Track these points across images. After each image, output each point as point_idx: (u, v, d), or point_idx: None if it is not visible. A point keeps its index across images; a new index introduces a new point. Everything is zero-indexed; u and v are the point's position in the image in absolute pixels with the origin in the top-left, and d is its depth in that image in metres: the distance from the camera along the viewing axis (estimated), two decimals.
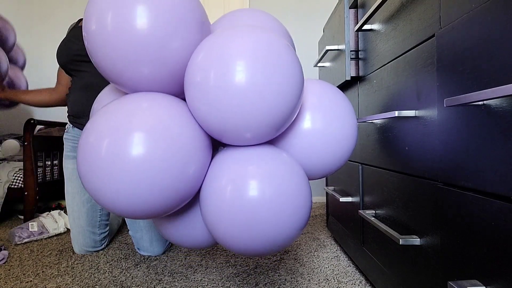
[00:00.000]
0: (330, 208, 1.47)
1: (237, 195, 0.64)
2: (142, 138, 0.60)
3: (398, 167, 0.74)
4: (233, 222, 0.65)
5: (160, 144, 0.61)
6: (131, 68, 0.65)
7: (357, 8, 1.05)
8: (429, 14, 0.60)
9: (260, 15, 0.85)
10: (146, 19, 0.62)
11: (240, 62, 0.61)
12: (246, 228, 0.64)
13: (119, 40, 0.62)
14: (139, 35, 0.62)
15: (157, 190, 0.61)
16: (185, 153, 0.64)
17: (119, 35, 0.62)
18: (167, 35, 0.64)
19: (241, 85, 0.60)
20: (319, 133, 0.75)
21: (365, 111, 0.97)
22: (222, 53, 0.62)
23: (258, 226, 0.64)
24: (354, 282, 1.00)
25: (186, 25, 0.66)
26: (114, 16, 0.62)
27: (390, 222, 0.79)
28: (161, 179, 0.61)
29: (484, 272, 0.46)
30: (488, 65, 0.45)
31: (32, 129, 1.76)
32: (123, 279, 1.05)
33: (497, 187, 0.43)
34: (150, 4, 0.63)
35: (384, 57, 0.82)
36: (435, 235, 0.59)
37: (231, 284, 1.00)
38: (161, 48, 0.64)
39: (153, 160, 0.60)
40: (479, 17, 0.47)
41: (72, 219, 1.31)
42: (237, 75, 0.61)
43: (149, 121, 0.62)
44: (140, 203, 0.62)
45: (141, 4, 0.62)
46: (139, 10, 0.62)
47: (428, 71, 0.61)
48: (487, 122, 0.45)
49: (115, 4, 0.62)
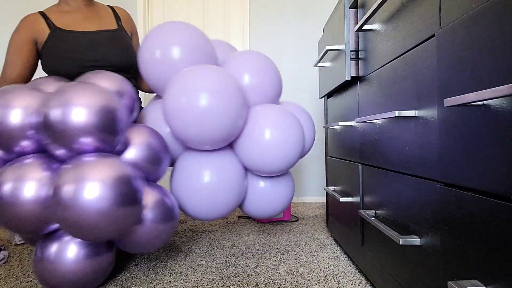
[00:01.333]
0: (330, 208, 1.47)
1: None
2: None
3: (398, 167, 0.74)
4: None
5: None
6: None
7: (357, 8, 1.05)
8: (429, 14, 0.60)
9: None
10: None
11: (202, 94, 1.01)
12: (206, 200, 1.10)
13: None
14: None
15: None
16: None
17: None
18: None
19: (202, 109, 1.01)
20: (267, 141, 1.11)
21: (365, 111, 0.97)
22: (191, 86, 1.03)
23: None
24: (354, 282, 1.00)
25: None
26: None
27: (390, 222, 0.79)
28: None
29: (484, 272, 0.46)
30: (488, 65, 0.45)
31: None
32: (123, 279, 1.05)
33: (497, 187, 0.43)
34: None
35: (384, 57, 0.82)
36: (435, 235, 0.59)
37: (231, 284, 1.00)
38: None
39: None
40: (479, 17, 0.47)
41: None
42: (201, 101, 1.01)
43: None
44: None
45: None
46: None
47: (428, 71, 0.61)
48: (487, 122, 0.45)
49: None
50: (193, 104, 1.00)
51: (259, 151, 1.12)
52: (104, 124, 0.87)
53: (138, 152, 1.00)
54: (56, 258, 0.88)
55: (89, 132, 0.84)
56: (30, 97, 0.91)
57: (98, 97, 0.88)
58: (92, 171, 0.81)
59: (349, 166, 1.14)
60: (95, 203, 0.79)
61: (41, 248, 0.90)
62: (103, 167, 0.83)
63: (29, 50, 1.26)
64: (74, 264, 0.88)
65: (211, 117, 1.01)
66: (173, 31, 1.14)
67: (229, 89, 1.05)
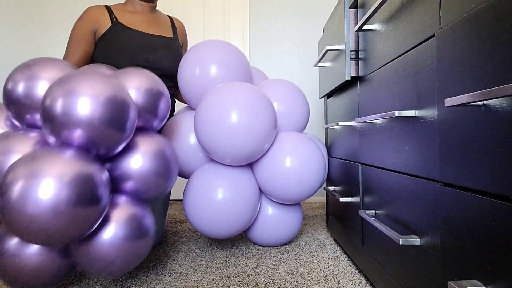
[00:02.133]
0: (330, 208, 1.47)
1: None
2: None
3: (398, 167, 0.74)
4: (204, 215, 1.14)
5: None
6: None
7: (357, 8, 1.05)
8: (429, 14, 0.60)
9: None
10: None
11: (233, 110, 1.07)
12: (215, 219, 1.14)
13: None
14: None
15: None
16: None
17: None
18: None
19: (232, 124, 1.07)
20: (289, 169, 1.15)
21: (365, 111, 0.97)
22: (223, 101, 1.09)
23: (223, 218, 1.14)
24: (354, 282, 1.00)
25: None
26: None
27: (390, 222, 0.79)
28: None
29: (484, 272, 0.46)
30: (488, 65, 0.45)
31: None
32: (123, 279, 1.05)
33: (497, 187, 0.43)
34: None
35: (384, 57, 0.82)
36: (435, 235, 0.59)
37: (231, 284, 1.00)
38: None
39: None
40: (479, 17, 0.47)
41: None
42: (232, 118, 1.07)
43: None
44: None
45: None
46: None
47: (428, 71, 0.61)
48: (487, 122, 0.45)
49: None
50: (223, 118, 1.05)
51: (279, 176, 1.14)
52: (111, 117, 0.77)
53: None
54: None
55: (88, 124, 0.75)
56: (57, 70, 0.89)
57: (104, 86, 0.78)
58: (46, 167, 0.70)
59: (349, 166, 1.14)
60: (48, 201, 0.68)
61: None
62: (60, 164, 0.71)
63: (89, 40, 1.31)
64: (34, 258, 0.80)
65: (239, 132, 1.05)
66: (212, 49, 1.23)
67: (261, 107, 1.09)
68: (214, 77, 1.20)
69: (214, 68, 1.20)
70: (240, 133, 1.05)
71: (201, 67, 1.20)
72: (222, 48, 1.24)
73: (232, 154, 1.08)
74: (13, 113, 0.88)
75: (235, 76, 1.22)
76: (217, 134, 1.06)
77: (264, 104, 1.10)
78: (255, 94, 1.11)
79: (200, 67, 1.20)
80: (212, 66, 1.20)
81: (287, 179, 1.14)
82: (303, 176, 1.15)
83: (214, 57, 1.21)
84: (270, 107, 1.13)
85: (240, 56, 1.26)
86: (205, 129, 1.08)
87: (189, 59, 1.24)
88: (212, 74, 1.19)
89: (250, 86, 1.14)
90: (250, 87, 1.13)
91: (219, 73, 1.20)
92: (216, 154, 1.10)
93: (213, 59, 1.20)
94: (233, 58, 1.23)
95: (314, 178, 1.17)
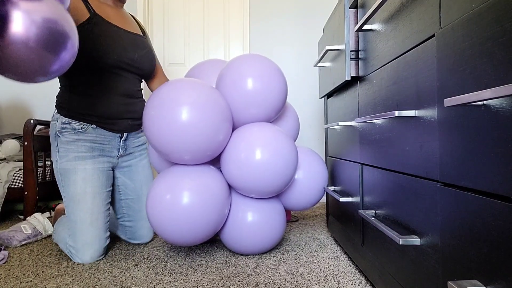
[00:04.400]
0: (330, 208, 1.47)
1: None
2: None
3: (398, 167, 0.74)
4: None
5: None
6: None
7: (357, 8, 1.05)
8: (429, 14, 0.60)
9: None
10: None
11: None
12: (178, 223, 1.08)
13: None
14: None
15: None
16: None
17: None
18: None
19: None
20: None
21: (365, 111, 0.97)
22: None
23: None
24: (354, 282, 1.00)
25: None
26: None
27: (390, 222, 0.79)
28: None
29: (484, 272, 0.46)
30: (488, 65, 0.45)
31: (32, 129, 1.76)
32: (123, 279, 1.05)
33: (497, 187, 0.43)
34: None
35: (384, 57, 0.82)
36: (435, 235, 0.59)
37: (231, 284, 1.00)
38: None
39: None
40: (479, 17, 0.47)
41: (89, 223, 1.22)
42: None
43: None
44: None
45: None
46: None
47: (428, 71, 0.61)
48: (487, 122, 0.45)
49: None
50: (172, 116, 1.05)
51: (244, 167, 1.12)
52: None
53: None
54: None
55: None
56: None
57: None
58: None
59: (349, 166, 1.14)
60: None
61: None
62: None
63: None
64: None
65: (187, 130, 1.05)
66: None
67: (208, 103, 1.09)
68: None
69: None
70: (189, 130, 1.06)
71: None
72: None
73: (186, 151, 1.09)
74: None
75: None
76: (167, 133, 1.06)
77: (212, 99, 1.11)
78: (203, 90, 1.11)
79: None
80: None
81: (254, 169, 1.11)
82: (269, 165, 1.11)
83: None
84: (219, 101, 1.13)
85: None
86: (155, 128, 1.08)
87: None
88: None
89: (196, 81, 1.14)
90: (196, 81, 1.13)
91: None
92: (171, 155, 1.11)
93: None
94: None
95: (282, 166, 1.14)
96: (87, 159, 1.25)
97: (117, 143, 1.34)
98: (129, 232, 1.42)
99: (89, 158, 1.25)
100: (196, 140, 1.07)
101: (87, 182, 1.23)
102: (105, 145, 1.30)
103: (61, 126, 1.24)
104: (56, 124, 1.25)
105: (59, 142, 1.25)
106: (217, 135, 1.11)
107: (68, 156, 1.23)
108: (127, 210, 1.41)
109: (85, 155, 1.25)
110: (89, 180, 1.24)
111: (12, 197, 1.83)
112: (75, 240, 1.20)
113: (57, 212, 1.58)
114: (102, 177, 1.27)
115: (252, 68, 1.20)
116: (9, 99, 2.56)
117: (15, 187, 1.85)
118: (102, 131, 1.28)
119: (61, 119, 1.24)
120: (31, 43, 0.76)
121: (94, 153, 1.27)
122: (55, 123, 1.26)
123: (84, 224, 1.21)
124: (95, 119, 1.26)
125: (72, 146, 1.24)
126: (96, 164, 1.26)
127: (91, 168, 1.25)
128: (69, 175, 1.23)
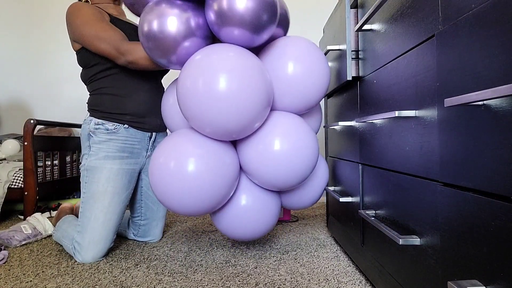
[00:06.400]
0: (330, 208, 1.47)
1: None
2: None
3: (398, 167, 0.74)
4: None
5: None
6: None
7: (357, 8, 1.05)
8: (429, 14, 0.60)
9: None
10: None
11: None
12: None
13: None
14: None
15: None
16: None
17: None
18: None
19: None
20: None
21: (365, 111, 0.97)
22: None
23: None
24: (354, 282, 1.00)
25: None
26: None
27: (390, 222, 0.79)
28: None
29: (484, 272, 0.46)
30: (488, 65, 0.45)
31: (32, 129, 1.76)
32: (123, 279, 1.05)
33: (497, 187, 0.43)
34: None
35: (384, 57, 0.82)
36: (435, 235, 0.59)
37: (231, 284, 1.00)
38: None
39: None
40: (479, 17, 0.47)
41: (101, 222, 1.22)
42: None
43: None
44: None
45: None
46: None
47: (428, 71, 0.61)
48: (487, 122, 0.45)
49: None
50: (208, 84, 0.92)
51: (266, 156, 1.03)
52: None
53: None
54: None
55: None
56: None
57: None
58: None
59: (349, 166, 1.14)
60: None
61: None
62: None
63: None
64: None
65: (224, 102, 0.91)
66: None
67: (253, 73, 0.94)
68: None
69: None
70: (227, 103, 0.92)
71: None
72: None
73: (214, 125, 0.95)
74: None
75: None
76: (199, 103, 0.93)
77: (257, 73, 0.96)
78: (244, 54, 0.97)
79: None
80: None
81: (275, 160, 1.02)
82: (292, 159, 1.03)
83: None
84: (266, 78, 0.99)
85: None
86: (187, 95, 0.95)
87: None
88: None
89: (237, 47, 1.00)
90: (242, 50, 0.99)
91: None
92: (194, 123, 0.98)
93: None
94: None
95: (305, 163, 1.06)
96: (115, 159, 1.28)
97: (147, 143, 1.38)
98: (141, 230, 1.44)
99: (118, 158, 1.29)
100: (231, 119, 0.94)
101: (110, 182, 1.26)
102: (135, 145, 1.33)
103: (94, 126, 1.28)
104: (89, 125, 1.29)
105: (91, 142, 1.29)
106: (254, 120, 0.98)
107: (98, 154, 1.27)
108: (145, 211, 1.44)
109: (115, 155, 1.28)
110: (112, 180, 1.27)
111: (12, 197, 1.83)
112: (83, 236, 1.21)
113: (62, 210, 1.59)
114: (125, 178, 1.29)
115: (299, 54, 1.08)
116: (9, 99, 2.56)
117: (15, 187, 1.85)
118: (133, 131, 1.32)
119: (94, 121, 1.29)
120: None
121: (124, 154, 1.30)
122: (87, 125, 1.30)
123: (97, 223, 1.22)
124: (127, 118, 1.31)
125: (104, 145, 1.28)
126: (123, 165, 1.29)
127: (117, 168, 1.28)
128: (95, 173, 1.25)
